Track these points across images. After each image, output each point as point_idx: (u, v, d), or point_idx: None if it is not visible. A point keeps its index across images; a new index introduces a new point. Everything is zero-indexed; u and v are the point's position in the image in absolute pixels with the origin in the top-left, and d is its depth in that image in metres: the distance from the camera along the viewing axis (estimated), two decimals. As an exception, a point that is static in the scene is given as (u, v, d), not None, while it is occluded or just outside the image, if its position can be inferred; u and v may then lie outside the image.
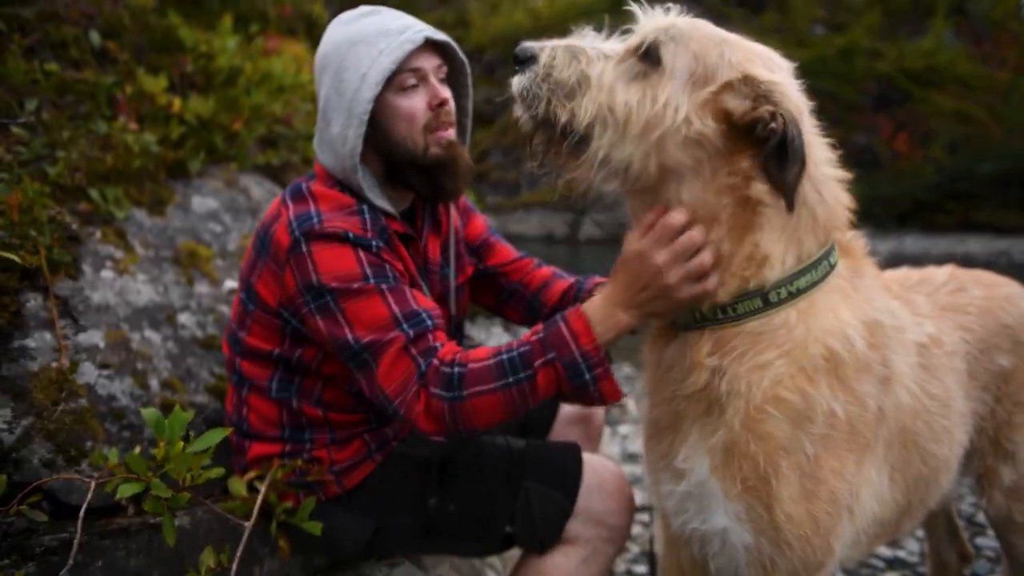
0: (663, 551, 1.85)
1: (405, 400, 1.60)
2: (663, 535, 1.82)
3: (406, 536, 1.91)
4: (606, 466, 1.94)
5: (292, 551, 1.85)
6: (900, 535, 1.87)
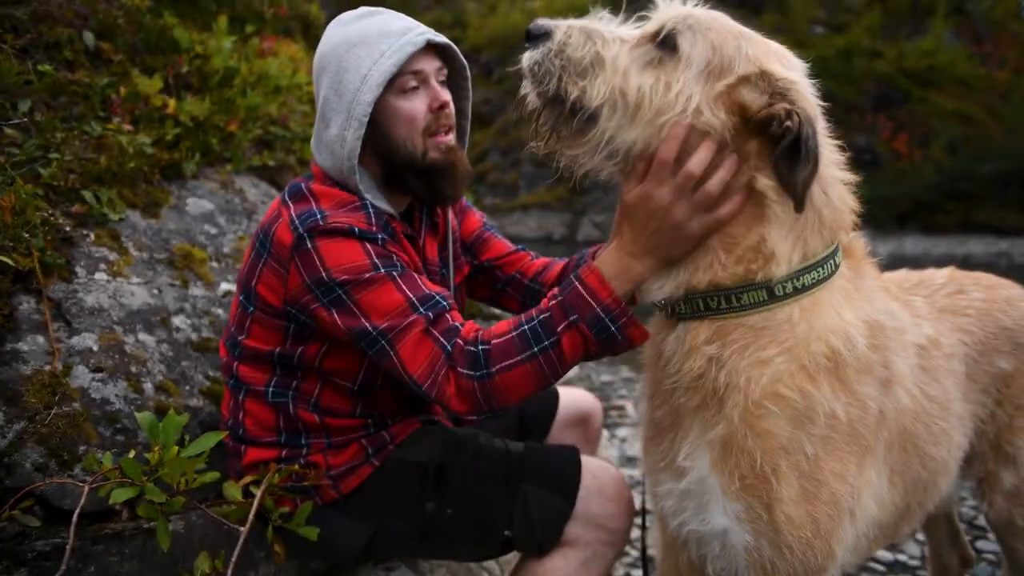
0: (661, 555, 1.84)
1: (436, 383, 1.59)
2: (660, 539, 1.82)
3: (403, 540, 1.90)
4: (605, 469, 1.93)
5: (288, 556, 1.84)
6: (898, 538, 1.86)
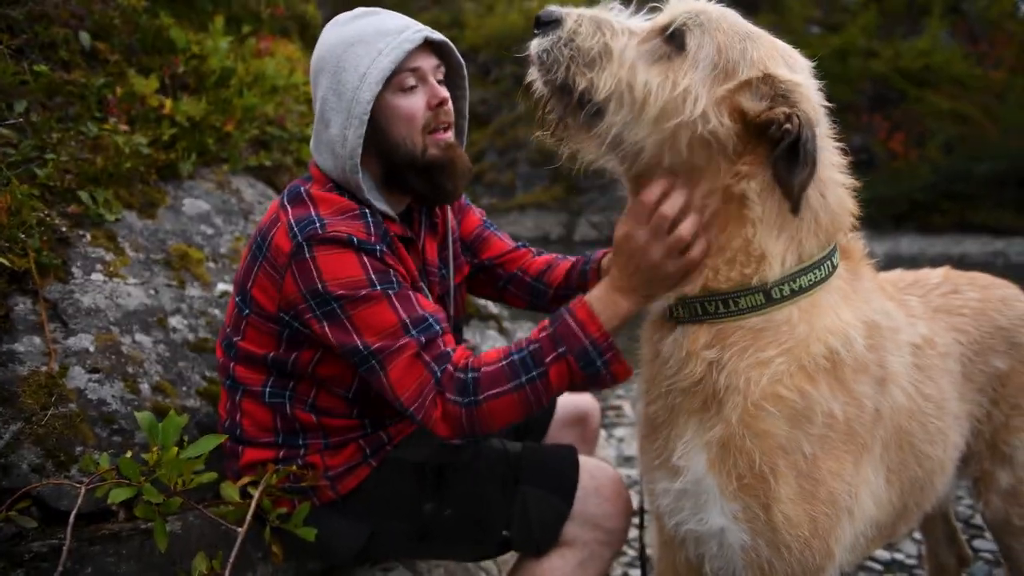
0: (657, 554, 1.84)
1: (423, 407, 1.61)
2: (657, 538, 1.82)
3: (401, 541, 1.90)
4: (603, 469, 1.93)
5: (286, 556, 1.83)
6: (895, 538, 1.86)
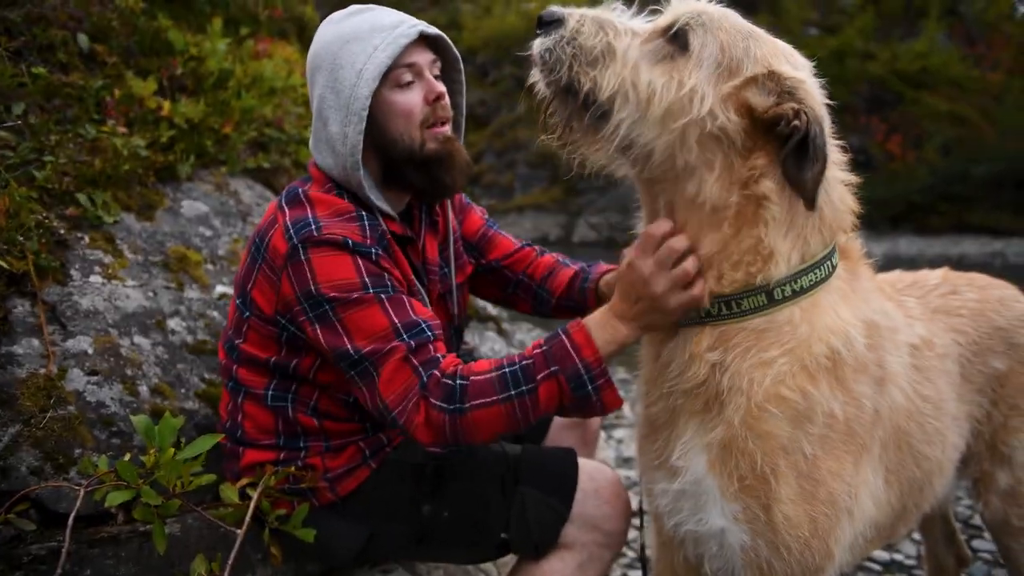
0: (656, 555, 1.84)
1: (405, 410, 1.58)
2: (656, 539, 1.82)
3: (400, 543, 1.89)
4: (602, 471, 1.92)
5: (285, 558, 1.83)
6: (894, 539, 1.86)
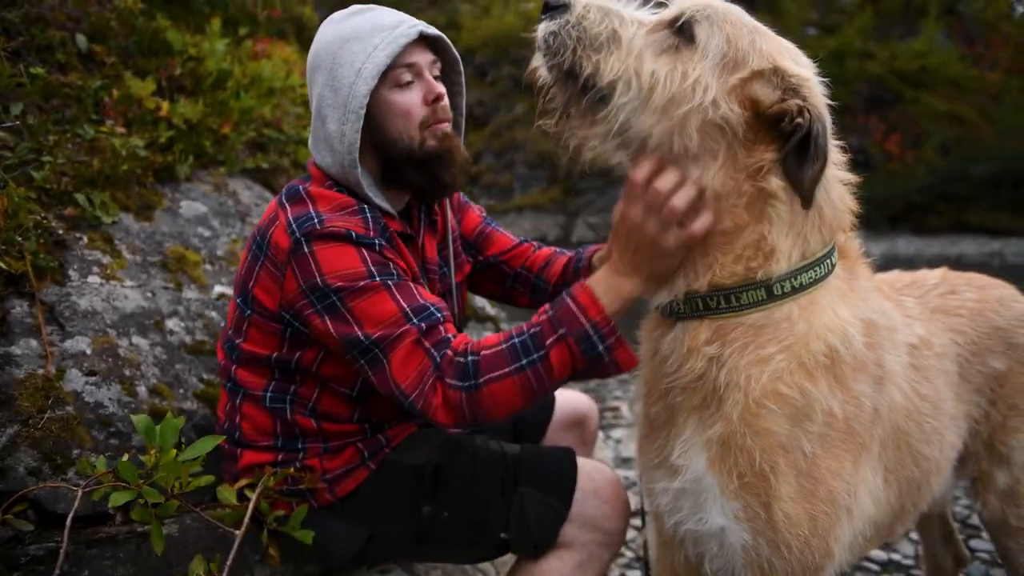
0: (656, 554, 1.84)
1: (423, 393, 1.58)
2: (656, 538, 1.82)
3: (399, 543, 1.89)
4: (601, 471, 1.92)
5: (283, 559, 1.83)
6: (892, 538, 1.86)
